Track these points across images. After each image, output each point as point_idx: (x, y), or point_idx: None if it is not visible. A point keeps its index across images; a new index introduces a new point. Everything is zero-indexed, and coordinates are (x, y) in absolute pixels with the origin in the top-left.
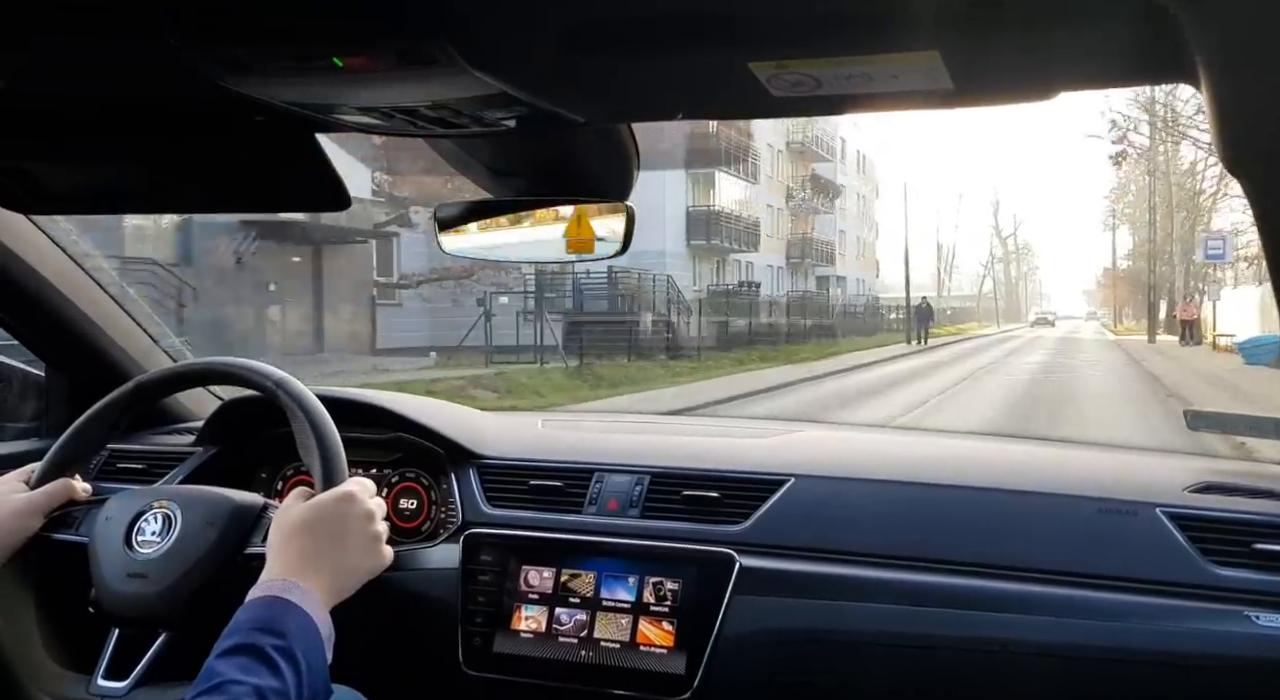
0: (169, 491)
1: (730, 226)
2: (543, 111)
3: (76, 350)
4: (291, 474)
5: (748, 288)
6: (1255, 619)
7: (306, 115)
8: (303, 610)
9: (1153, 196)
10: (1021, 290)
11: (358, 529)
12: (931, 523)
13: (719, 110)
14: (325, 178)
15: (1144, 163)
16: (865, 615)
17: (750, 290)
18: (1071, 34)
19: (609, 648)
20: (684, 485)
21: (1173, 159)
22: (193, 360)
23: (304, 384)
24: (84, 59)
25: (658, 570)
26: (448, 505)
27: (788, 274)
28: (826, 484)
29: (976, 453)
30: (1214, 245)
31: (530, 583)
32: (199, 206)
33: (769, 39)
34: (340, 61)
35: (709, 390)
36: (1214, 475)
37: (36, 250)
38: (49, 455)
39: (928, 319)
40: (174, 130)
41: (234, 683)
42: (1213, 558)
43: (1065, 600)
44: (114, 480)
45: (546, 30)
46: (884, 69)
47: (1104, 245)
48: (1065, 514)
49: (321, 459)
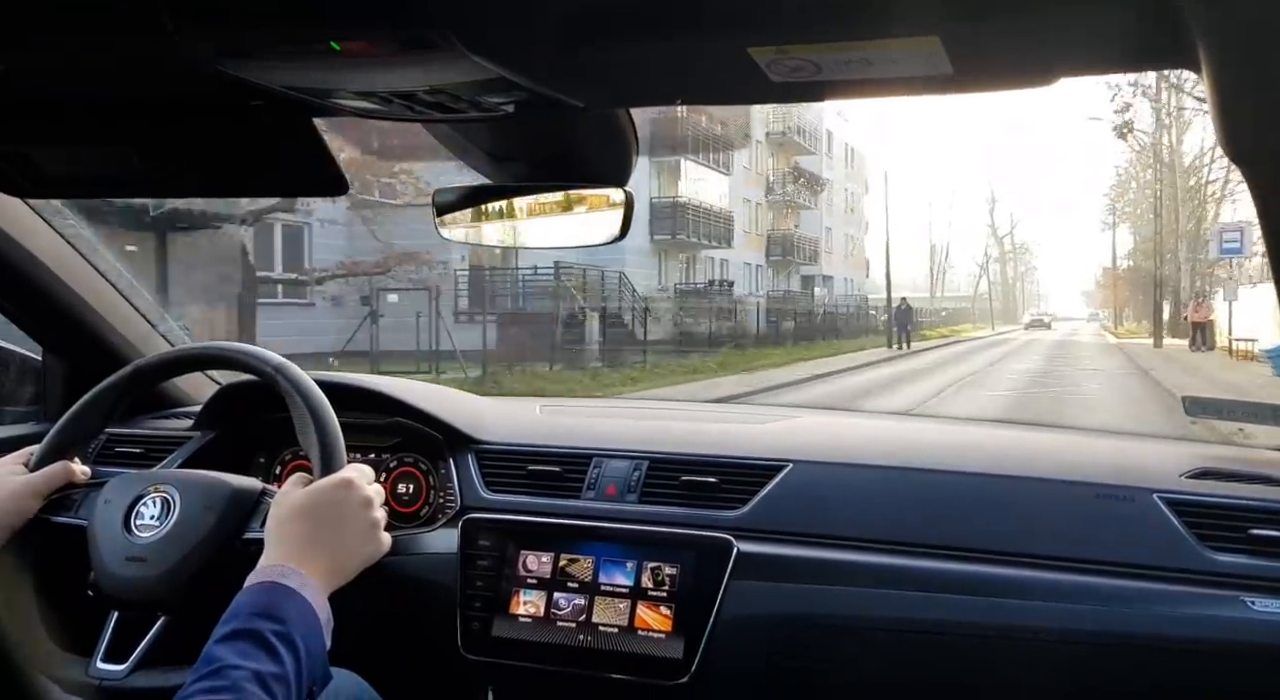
0: (167, 475)
1: (700, 220)
2: (542, 97)
3: (74, 335)
4: (290, 459)
5: (720, 287)
6: (1251, 604)
7: (304, 99)
8: (301, 596)
9: (1158, 183)
10: (1019, 291)
11: (355, 515)
12: (930, 508)
13: (719, 95)
14: (322, 162)
15: (1146, 155)
16: (862, 600)
17: (722, 289)
18: (1072, 18)
19: (607, 632)
20: (682, 470)
21: (1177, 149)
22: (191, 345)
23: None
24: (82, 43)
25: (656, 555)
26: (446, 490)
27: (768, 272)
28: (825, 469)
29: (975, 438)
30: (1230, 238)
31: (529, 567)
32: (196, 190)
33: (768, 24)
34: (338, 45)
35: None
36: (1211, 461)
37: (34, 235)
38: (48, 438)
39: (908, 321)
40: (171, 114)
41: (234, 668)
42: (1209, 543)
43: (1063, 585)
44: (112, 464)
45: (546, 15)
46: (884, 54)
47: (1103, 245)
48: (1063, 499)
49: (320, 445)
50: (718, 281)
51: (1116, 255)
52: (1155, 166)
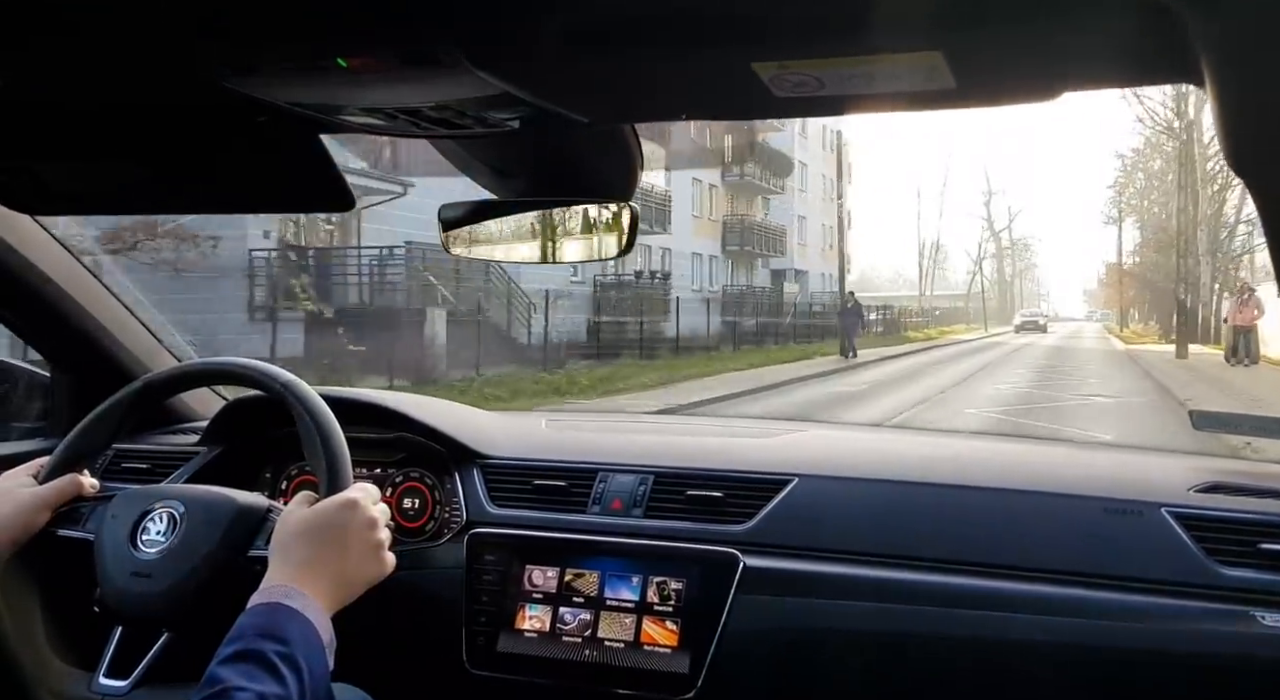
0: (174, 491)
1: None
2: (547, 112)
3: (82, 351)
4: (296, 474)
5: (653, 279)
6: (1261, 619)
7: (310, 116)
8: (305, 617)
9: (1183, 155)
10: (1017, 289)
11: (360, 537)
12: (937, 523)
13: (722, 110)
14: (329, 178)
15: (1158, 139)
16: (869, 615)
17: (654, 283)
18: (1075, 34)
19: (613, 647)
20: (688, 485)
21: (1197, 121)
22: (200, 360)
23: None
24: (88, 59)
25: (662, 570)
26: (452, 505)
27: (724, 264)
28: (830, 484)
29: (981, 452)
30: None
31: (534, 582)
32: (202, 207)
33: (772, 39)
34: (344, 62)
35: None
36: (1220, 475)
37: (42, 251)
38: (57, 451)
39: (856, 324)
40: (178, 130)
41: (237, 689)
42: (1218, 558)
43: (1071, 600)
44: (119, 479)
45: (551, 31)
46: (886, 69)
47: (1105, 241)
48: (1071, 514)
49: (327, 464)
50: (651, 273)
51: (1123, 250)
52: (1177, 130)
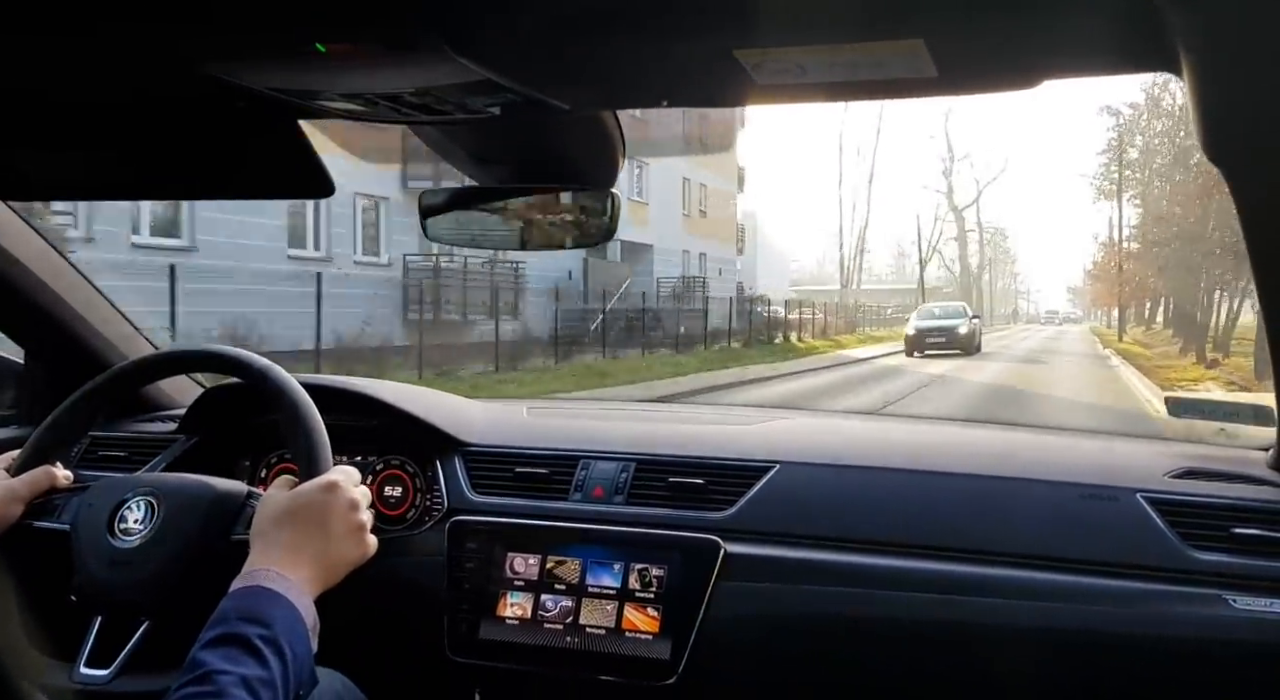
0: (151, 479)
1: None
2: (528, 98)
3: (56, 337)
4: (275, 462)
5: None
6: (1232, 602)
7: (290, 101)
8: (287, 600)
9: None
10: (986, 282)
11: (341, 519)
12: (916, 508)
13: (704, 97)
14: (308, 165)
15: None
16: (849, 600)
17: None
18: (1055, 23)
19: (594, 634)
20: (670, 472)
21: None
22: (175, 347)
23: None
24: (67, 46)
25: (643, 557)
26: (433, 492)
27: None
28: (811, 470)
29: (960, 439)
30: None
31: (516, 569)
32: (181, 193)
33: (754, 27)
34: (324, 47)
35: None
36: (1194, 460)
37: (15, 236)
38: (29, 442)
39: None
40: (157, 117)
41: (221, 673)
42: (1191, 542)
43: (1047, 584)
44: (95, 468)
45: (532, 17)
46: (868, 57)
47: (1095, 224)
48: (1048, 499)
49: (306, 447)
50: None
51: (1115, 235)
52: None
